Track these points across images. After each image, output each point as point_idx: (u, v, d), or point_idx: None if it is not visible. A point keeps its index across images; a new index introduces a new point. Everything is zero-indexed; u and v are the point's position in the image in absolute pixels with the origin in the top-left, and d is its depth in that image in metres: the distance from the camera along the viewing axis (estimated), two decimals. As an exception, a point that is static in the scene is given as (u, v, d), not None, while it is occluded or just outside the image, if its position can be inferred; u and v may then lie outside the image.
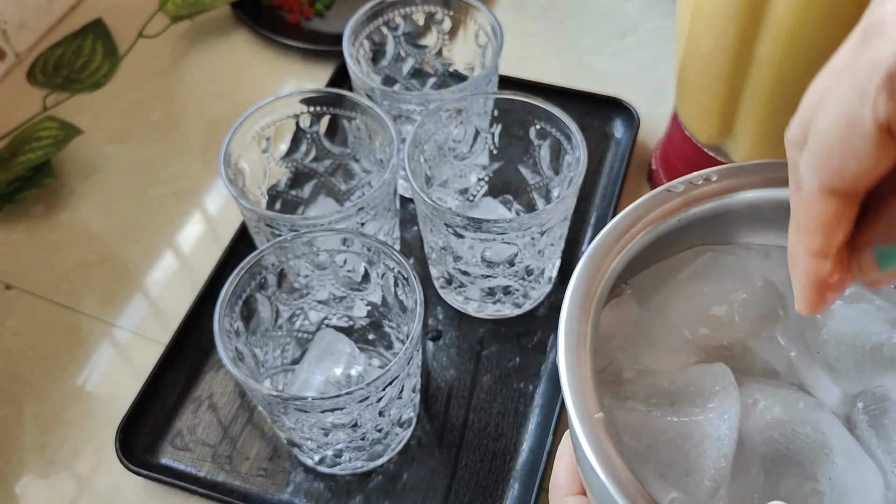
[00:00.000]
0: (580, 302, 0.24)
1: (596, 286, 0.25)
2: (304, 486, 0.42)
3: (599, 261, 0.25)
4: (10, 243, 0.53)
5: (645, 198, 0.27)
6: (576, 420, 0.22)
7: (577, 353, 0.23)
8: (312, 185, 0.49)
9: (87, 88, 0.62)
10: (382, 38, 0.51)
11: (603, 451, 0.22)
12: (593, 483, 0.22)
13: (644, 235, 0.26)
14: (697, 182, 0.27)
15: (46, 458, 0.44)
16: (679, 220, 0.27)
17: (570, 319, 0.24)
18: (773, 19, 0.37)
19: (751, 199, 0.27)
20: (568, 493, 0.26)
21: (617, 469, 0.21)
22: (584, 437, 0.22)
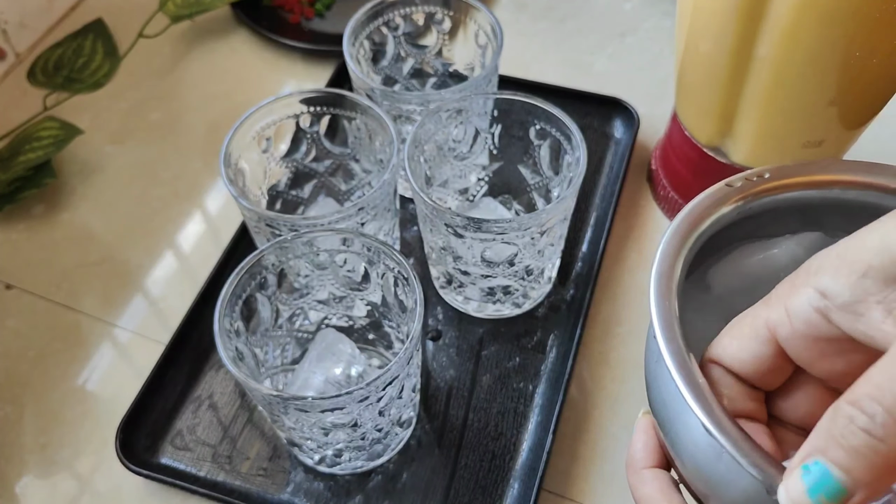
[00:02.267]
0: (665, 284, 0.26)
1: (676, 263, 0.27)
2: (304, 485, 0.42)
3: (681, 239, 0.27)
4: (10, 243, 0.53)
5: (716, 187, 0.29)
6: (683, 387, 0.23)
7: (671, 327, 0.25)
8: (312, 186, 0.49)
9: (87, 88, 0.62)
10: (382, 38, 0.51)
11: (714, 412, 0.23)
12: (700, 444, 0.23)
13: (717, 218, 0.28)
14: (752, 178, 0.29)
15: (47, 457, 0.44)
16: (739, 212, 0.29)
17: (659, 296, 0.26)
18: (773, 19, 0.37)
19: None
20: (645, 466, 0.27)
21: (730, 426, 0.22)
22: (694, 402, 0.23)
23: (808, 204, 0.29)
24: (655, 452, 0.27)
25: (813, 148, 0.43)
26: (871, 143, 0.49)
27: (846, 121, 0.41)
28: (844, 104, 0.40)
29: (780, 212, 0.30)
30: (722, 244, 0.31)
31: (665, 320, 0.25)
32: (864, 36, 0.36)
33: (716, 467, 0.23)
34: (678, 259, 0.27)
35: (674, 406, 0.24)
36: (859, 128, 0.43)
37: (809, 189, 0.29)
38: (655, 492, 0.26)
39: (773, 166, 0.29)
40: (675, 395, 0.24)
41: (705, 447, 0.23)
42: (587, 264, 0.49)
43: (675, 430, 0.25)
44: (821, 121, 0.41)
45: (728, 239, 0.31)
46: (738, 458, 0.22)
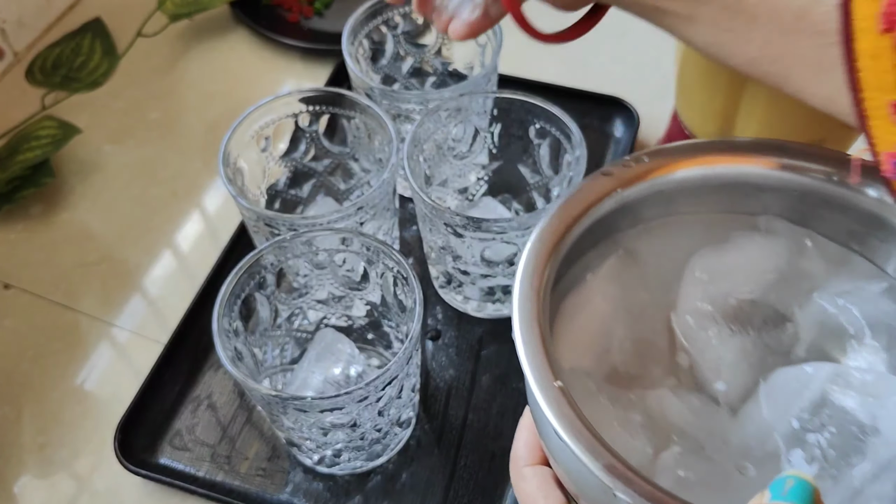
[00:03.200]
0: (531, 281, 0.26)
1: (543, 266, 0.27)
2: (303, 485, 0.42)
3: (547, 242, 0.27)
4: (8, 243, 0.53)
5: (584, 181, 0.29)
6: (536, 389, 0.24)
7: (531, 328, 0.25)
8: (311, 185, 0.49)
9: (85, 87, 0.62)
10: (382, 37, 0.51)
11: (565, 415, 0.23)
12: (558, 448, 0.24)
13: (585, 218, 0.28)
14: (630, 164, 0.29)
15: (45, 457, 0.44)
16: (616, 202, 0.29)
17: (523, 298, 0.26)
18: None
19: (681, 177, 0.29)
20: (527, 464, 0.27)
21: (580, 431, 0.22)
22: (545, 405, 0.23)
23: (691, 185, 0.29)
24: (537, 450, 0.27)
25: (813, 147, 0.43)
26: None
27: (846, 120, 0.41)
28: (845, 103, 0.40)
29: (664, 196, 0.30)
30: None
31: (527, 325, 0.25)
32: (864, 35, 0.36)
33: (577, 472, 0.23)
34: (552, 251, 0.27)
35: (535, 409, 0.24)
36: (860, 127, 0.43)
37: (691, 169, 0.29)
38: (534, 489, 0.26)
39: (649, 149, 0.30)
40: (533, 400, 0.24)
41: (563, 451, 0.23)
42: (587, 264, 0.49)
43: (542, 431, 0.25)
44: (821, 120, 0.41)
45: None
46: (590, 466, 0.22)
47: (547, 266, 0.27)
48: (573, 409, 0.23)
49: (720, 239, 0.30)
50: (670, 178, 0.29)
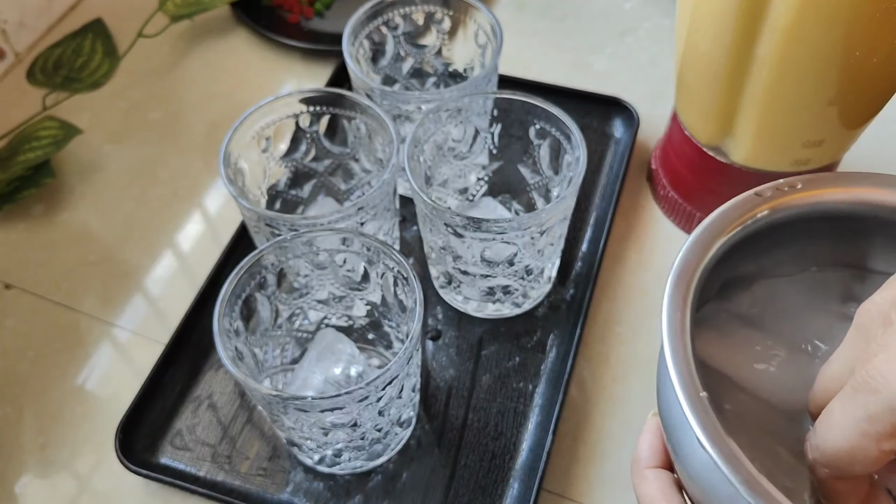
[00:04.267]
0: (680, 292, 0.27)
1: (692, 278, 0.27)
2: (304, 485, 0.42)
3: (696, 255, 0.28)
4: (9, 243, 0.53)
5: (734, 201, 0.29)
6: (683, 398, 0.24)
7: (679, 338, 0.26)
8: (312, 185, 0.49)
9: (86, 88, 0.62)
10: (382, 37, 0.51)
11: (709, 425, 0.24)
12: (694, 456, 0.24)
13: (735, 233, 0.28)
14: (783, 188, 0.30)
15: (46, 457, 0.44)
16: (766, 223, 0.29)
17: (671, 308, 0.26)
18: (773, 19, 0.37)
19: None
20: (649, 466, 0.28)
21: (723, 441, 0.23)
22: (690, 413, 0.24)
23: (839, 218, 0.30)
24: (660, 453, 0.28)
25: (813, 147, 0.43)
26: (871, 143, 0.49)
27: (846, 120, 0.41)
28: (844, 104, 0.40)
29: (812, 225, 0.30)
30: (750, 272, 0.31)
31: (676, 334, 0.26)
32: (863, 35, 0.36)
33: (709, 480, 0.24)
34: (698, 267, 0.27)
35: (676, 416, 0.25)
36: (859, 127, 0.43)
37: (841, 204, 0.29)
38: (656, 491, 0.27)
39: (804, 176, 0.30)
40: (677, 407, 0.24)
41: (701, 459, 0.23)
42: (587, 264, 0.49)
43: (677, 438, 0.26)
44: (821, 120, 0.41)
45: (757, 268, 0.31)
46: (729, 475, 0.23)
47: (696, 277, 0.27)
48: (717, 421, 0.24)
49: None
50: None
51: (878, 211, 0.29)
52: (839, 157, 0.46)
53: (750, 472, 0.23)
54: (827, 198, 0.29)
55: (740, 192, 0.30)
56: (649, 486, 0.27)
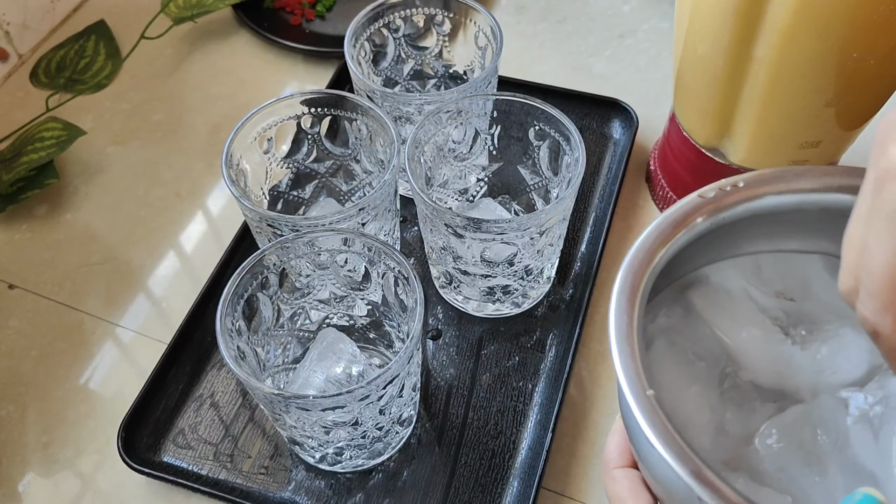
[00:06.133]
0: (628, 291, 0.27)
1: (641, 275, 0.27)
2: (306, 484, 0.42)
3: (643, 256, 0.28)
4: (13, 243, 0.54)
5: (680, 203, 0.29)
6: (630, 397, 0.25)
7: (626, 339, 0.26)
8: (314, 186, 0.50)
9: (89, 89, 0.62)
10: (383, 39, 0.52)
11: (657, 423, 0.24)
12: (648, 453, 0.25)
13: (683, 235, 0.28)
14: (726, 188, 0.29)
15: (49, 456, 0.44)
16: (711, 224, 0.29)
17: (618, 308, 0.27)
18: (770, 21, 0.37)
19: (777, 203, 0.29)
20: (617, 466, 0.29)
21: (670, 438, 0.24)
22: (638, 412, 0.24)
23: (784, 210, 0.30)
24: (627, 453, 0.29)
25: (810, 149, 0.43)
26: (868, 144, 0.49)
27: (843, 122, 0.42)
28: (841, 105, 0.40)
29: (757, 221, 0.30)
30: (698, 263, 0.31)
31: (623, 337, 0.26)
32: (860, 38, 0.36)
33: (665, 476, 0.24)
34: (645, 273, 0.28)
35: (629, 416, 0.25)
36: (856, 129, 0.43)
37: (785, 195, 0.29)
38: (625, 490, 0.28)
39: (747, 174, 0.30)
40: (627, 407, 0.25)
41: (655, 457, 0.24)
42: (586, 264, 0.50)
43: (634, 437, 0.26)
44: (818, 122, 0.41)
45: (704, 258, 0.31)
46: (679, 471, 0.23)
47: (643, 280, 0.27)
48: (663, 418, 0.24)
49: None
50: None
51: (824, 203, 0.29)
52: (837, 158, 0.46)
53: (699, 467, 0.23)
54: (770, 200, 0.29)
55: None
56: (618, 485, 0.28)
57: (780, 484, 0.27)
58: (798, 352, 0.30)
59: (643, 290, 0.27)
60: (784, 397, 0.30)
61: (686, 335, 0.31)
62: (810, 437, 0.28)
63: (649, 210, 0.54)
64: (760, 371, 0.30)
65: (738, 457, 0.28)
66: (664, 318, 0.31)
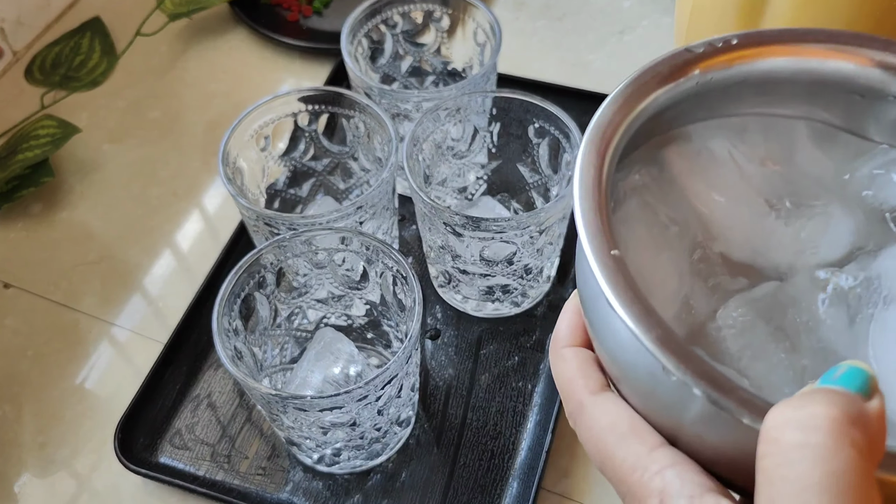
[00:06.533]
0: (598, 141, 0.24)
1: (615, 127, 0.25)
2: (303, 484, 0.42)
3: (619, 107, 0.25)
4: (8, 242, 0.53)
5: (663, 56, 0.27)
6: (591, 256, 0.22)
7: (592, 193, 0.23)
8: (311, 184, 0.49)
9: (85, 87, 0.62)
10: (381, 36, 0.51)
11: (620, 284, 0.21)
12: (606, 319, 0.22)
13: (666, 90, 0.26)
14: (717, 44, 0.27)
15: (45, 456, 0.44)
16: (697, 82, 0.26)
17: (586, 159, 0.24)
18: (772, 17, 0.37)
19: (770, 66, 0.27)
20: (566, 345, 0.26)
21: (633, 301, 0.21)
22: (599, 272, 0.22)
23: (778, 77, 0.27)
24: (579, 330, 0.26)
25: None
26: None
27: (845, 119, 0.41)
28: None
29: (747, 86, 0.27)
30: (679, 121, 0.28)
31: (588, 190, 0.23)
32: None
33: (623, 345, 0.21)
34: (620, 127, 0.25)
35: (588, 281, 0.23)
36: (858, 126, 0.43)
37: (781, 57, 0.26)
38: (574, 370, 0.25)
39: (741, 32, 0.27)
40: (587, 269, 0.22)
41: (614, 324, 0.21)
42: (586, 263, 0.49)
43: (591, 306, 0.24)
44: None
45: (687, 117, 0.28)
46: (639, 333, 0.20)
47: (618, 132, 0.25)
48: (628, 280, 0.21)
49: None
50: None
51: (826, 77, 0.27)
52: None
53: (668, 332, 0.20)
54: (764, 63, 0.26)
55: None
56: (567, 364, 0.25)
57: (739, 364, 0.25)
58: (781, 227, 0.28)
59: (616, 142, 0.24)
60: (756, 274, 0.27)
61: (660, 196, 0.28)
62: (779, 315, 0.26)
63: (649, 208, 0.53)
64: (735, 243, 0.27)
65: (697, 333, 0.25)
66: (637, 177, 0.28)
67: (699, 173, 0.28)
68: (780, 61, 0.27)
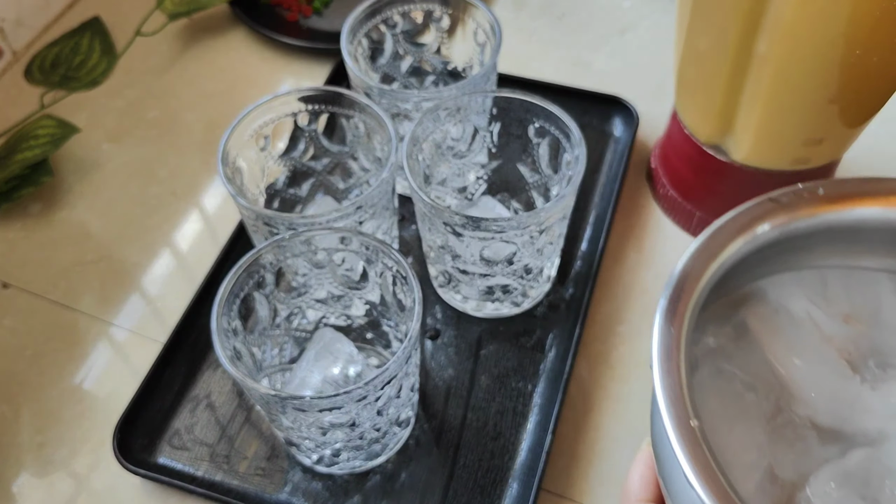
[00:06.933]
0: (676, 303, 0.24)
1: (690, 293, 0.24)
2: (302, 485, 0.42)
3: (697, 265, 0.25)
4: (7, 242, 0.53)
5: (745, 206, 0.26)
6: (670, 425, 0.22)
7: (671, 358, 0.23)
8: (310, 184, 0.49)
9: (84, 86, 0.62)
10: (381, 36, 0.51)
11: (699, 458, 0.21)
12: (683, 492, 0.22)
13: (746, 243, 0.25)
14: (802, 194, 0.26)
15: (44, 456, 0.44)
16: (781, 233, 0.26)
17: (664, 323, 0.23)
18: (773, 17, 0.37)
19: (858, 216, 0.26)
20: (639, 499, 0.26)
21: (714, 478, 0.21)
22: (677, 444, 0.21)
23: (864, 227, 0.26)
24: (652, 486, 0.27)
25: (813, 146, 0.43)
26: (871, 141, 0.49)
27: (846, 119, 0.41)
28: (844, 102, 0.40)
29: (831, 237, 0.26)
30: (754, 274, 0.28)
31: (667, 354, 0.23)
32: (864, 34, 0.36)
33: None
34: (699, 281, 0.24)
35: (665, 447, 0.23)
36: (860, 126, 0.43)
37: (868, 207, 0.26)
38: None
39: (827, 181, 0.26)
40: (665, 437, 0.22)
41: (691, 498, 0.21)
42: (586, 263, 0.49)
43: (667, 471, 0.24)
44: (821, 119, 0.41)
45: (762, 270, 0.27)
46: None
47: (695, 293, 0.24)
48: (707, 454, 0.21)
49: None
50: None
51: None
52: (839, 156, 0.46)
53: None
54: (854, 212, 0.26)
55: (740, 190, 0.28)
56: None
57: None
58: (867, 391, 0.27)
59: (693, 304, 0.24)
60: (844, 440, 0.26)
61: (736, 361, 0.27)
62: (875, 486, 0.25)
63: (650, 208, 0.53)
64: (819, 408, 0.26)
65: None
66: (711, 339, 0.27)
67: (776, 334, 0.27)
68: (867, 211, 0.26)
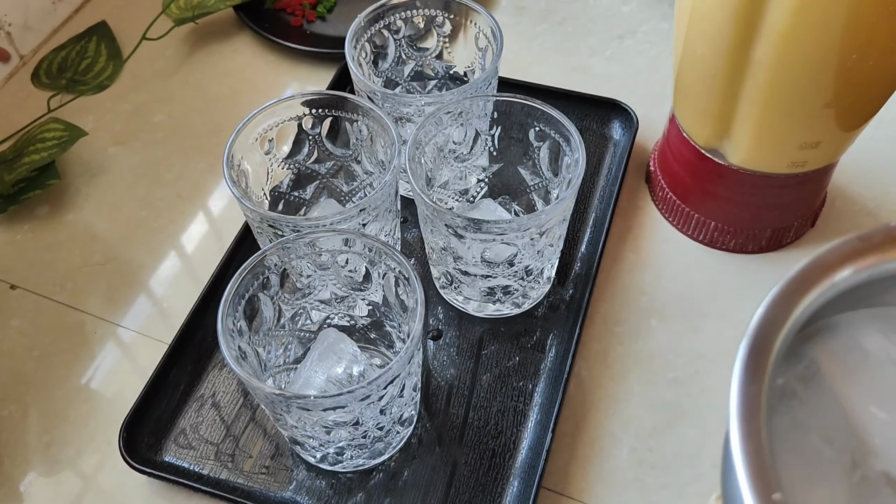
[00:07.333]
0: (755, 357, 0.22)
1: (772, 344, 0.22)
2: (307, 483, 0.42)
3: (778, 312, 0.22)
4: (14, 244, 0.54)
5: (831, 245, 0.24)
6: (751, 498, 0.20)
7: (751, 419, 0.21)
8: (314, 187, 0.50)
9: (91, 90, 0.63)
10: (384, 40, 0.52)
11: None
12: None
13: (829, 288, 0.23)
14: (893, 233, 0.24)
15: (51, 456, 0.44)
16: (870, 275, 0.24)
17: (744, 381, 0.21)
18: (770, 22, 0.37)
19: None
20: None
21: None
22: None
23: None
24: None
25: (810, 149, 0.43)
26: (867, 146, 0.49)
27: (843, 123, 0.42)
28: (841, 106, 0.40)
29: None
30: (829, 311, 0.25)
31: (747, 416, 0.21)
32: (860, 38, 0.36)
33: None
34: (780, 331, 0.22)
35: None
36: (856, 130, 0.43)
37: None
38: None
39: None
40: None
41: None
42: (586, 264, 0.50)
43: None
44: (817, 123, 0.41)
45: (838, 307, 0.25)
46: None
47: (774, 344, 0.22)
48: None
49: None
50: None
51: None
52: (836, 159, 0.46)
53: None
54: None
55: (737, 193, 0.27)
56: None
57: None
58: None
59: (775, 357, 0.22)
60: None
61: (809, 406, 0.25)
62: None
63: (649, 211, 0.54)
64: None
65: None
66: (781, 381, 0.25)
67: (851, 375, 0.25)
68: None
